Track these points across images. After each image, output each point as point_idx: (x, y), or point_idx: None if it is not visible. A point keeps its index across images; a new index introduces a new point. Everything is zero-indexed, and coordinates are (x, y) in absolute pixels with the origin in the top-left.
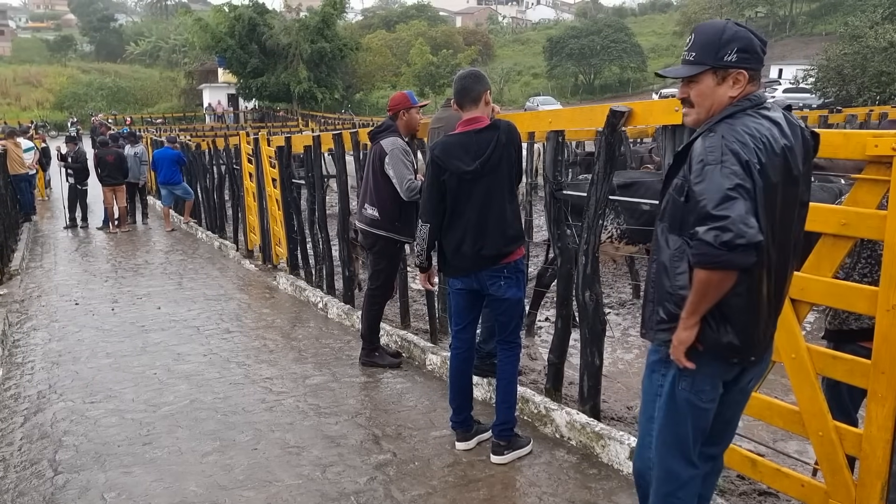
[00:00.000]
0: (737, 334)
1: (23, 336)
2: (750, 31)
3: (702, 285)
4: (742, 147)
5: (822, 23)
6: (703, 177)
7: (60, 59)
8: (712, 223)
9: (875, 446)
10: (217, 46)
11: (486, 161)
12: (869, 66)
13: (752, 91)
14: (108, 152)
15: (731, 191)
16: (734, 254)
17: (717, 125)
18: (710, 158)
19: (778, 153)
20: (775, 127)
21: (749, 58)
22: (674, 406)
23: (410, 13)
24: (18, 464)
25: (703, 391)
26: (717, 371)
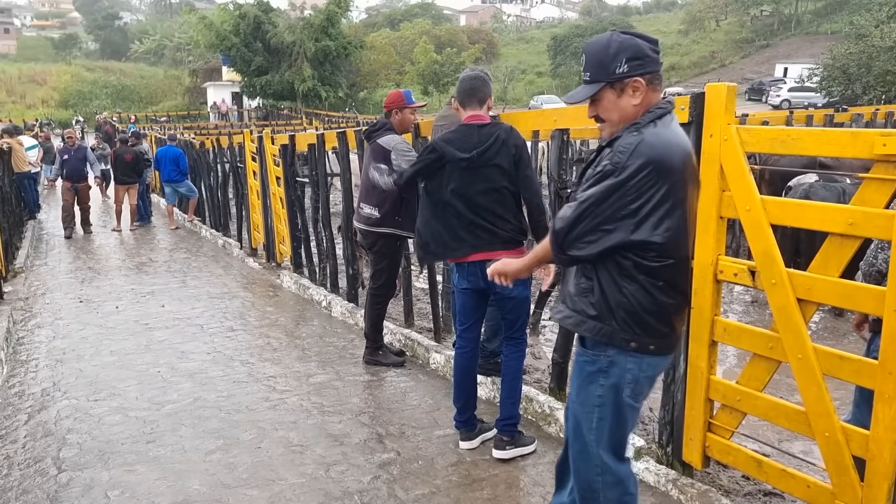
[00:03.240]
0: (674, 330)
1: (27, 334)
2: (636, 36)
3: (543, 250)
4: (661, 150)
5: (827, 21)
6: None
7: (65, 57)
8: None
9: (882, 447)
10: (221, 45)
11: (483, 152)
12: (874, 66)
13: (656, 97)
14: (127, 151)
15: (603, 197)
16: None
17: (643, 126)
18: (616, 159)
19: (687, 154)
20: (681, 132)
21: (641, 63)
22: (618, 412)
23: (414, 12)
24: (22, 461)
25: (642, 393)
26: (657, 372)
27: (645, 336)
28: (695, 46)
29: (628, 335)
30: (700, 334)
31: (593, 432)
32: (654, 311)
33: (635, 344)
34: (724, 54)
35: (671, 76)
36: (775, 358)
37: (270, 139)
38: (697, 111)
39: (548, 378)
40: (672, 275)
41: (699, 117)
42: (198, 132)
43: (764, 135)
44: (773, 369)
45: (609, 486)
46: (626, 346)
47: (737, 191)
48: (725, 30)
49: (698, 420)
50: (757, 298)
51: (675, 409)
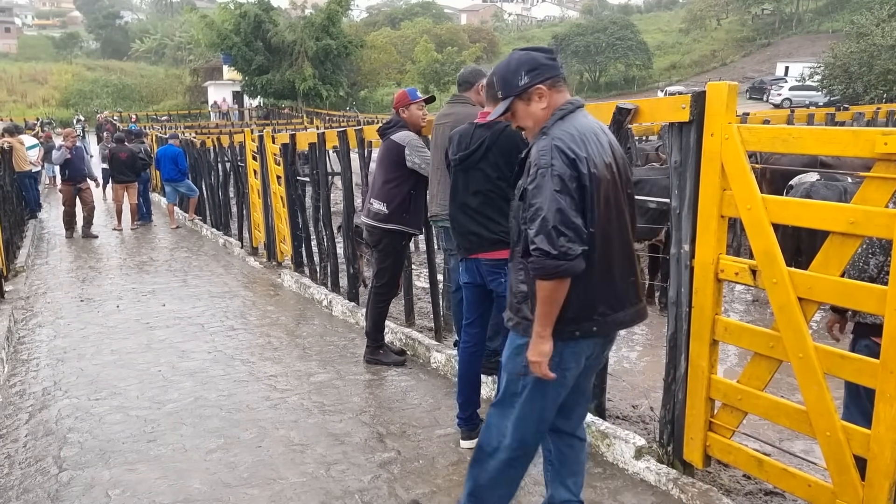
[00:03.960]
0: (598, 314)
1: (28, 333)
2: (532, 49)
3: (545, 295)
4: (572, 142)
5: (828, 20)
6: (535, 179)
7: (66, 56)
8: (544, 231)
9: (883, 446)
10: (222, 44)
11: (467, 156)
12: (875, 64)
13: (561, 97)
14: (122, 149)
15: (561, 194)
16: (565, 262)
17: (549, 128)
18: (542, 162)
19: (604, 145)
20: (599, 126)
21: (539, 72)
22: (541, 384)
23: (415, 10)
24: (23, 460)
25: (569, 368)
26: (584, 348)
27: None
28: (696, 45)
29: (572, 326)
30: (701, 333)
31: (516, 397)
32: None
33: (578, 332)
34: (725, 53)
35: (672, 75)
36: (776, 357)
37: (271, 138)
38: (698, 110)
39: None
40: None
41: (700, 116)
42: (199, 131)
43: (765, 134)
44: (774, 368)
45: (510, 450)
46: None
47: (738, 190)
48: (726, 28)
49: (699, 419)
50: (758, 297)
51: (676, 408)
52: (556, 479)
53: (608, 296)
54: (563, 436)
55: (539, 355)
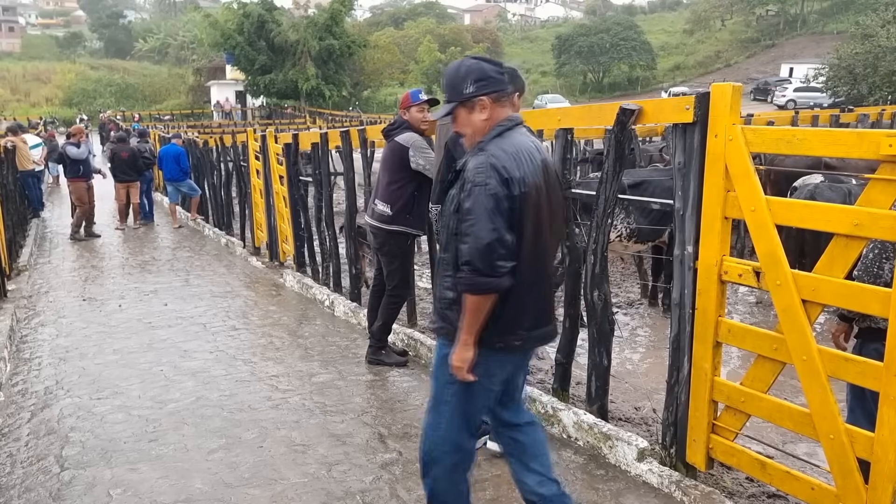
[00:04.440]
0: (521, 329)
1: (30, 332)
2: (483, 60)
3: (472, 307)
4: (508, 162)
5: (833, 21)
6: (471, 195)
7: (70, 55)
8: (476, 247)
9: (887, 450)
10: (225, 43)
11: None
12: (880, 66)
13: (503, 112)
14: (123, 148)
15: (495, 212)
16: (495, 279)
17: (486, 144)
18: (478, 179)
19: (537, 164)
20: (533, 144)
21: (485, 84)
22: (468, 391)
23: (419, 10)
24: (25, 459)
25: (494, 375)
26: (510, 358)
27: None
28: (700, 46)
29: (496, 339)
30: (704, 335)
31: (447, 405)
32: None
33: (502, 345)
34: (729, 54)
35: (676, 76)
36: (780, 359)
37: (274, 138)
38: (702, 111)
39: (551, 379)
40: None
41: (704, 117)
42: (201, 131)
43: (769, 135)
44: (777, 371)
45: (448, 455)
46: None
47: (742, 191)
48: (731, 29)
49: (702, 421)
50: (762, 299)
51: (679, 411)
52: (523, 469)
53: (532, 312)
54: (510, 427)
55: (462, 361)
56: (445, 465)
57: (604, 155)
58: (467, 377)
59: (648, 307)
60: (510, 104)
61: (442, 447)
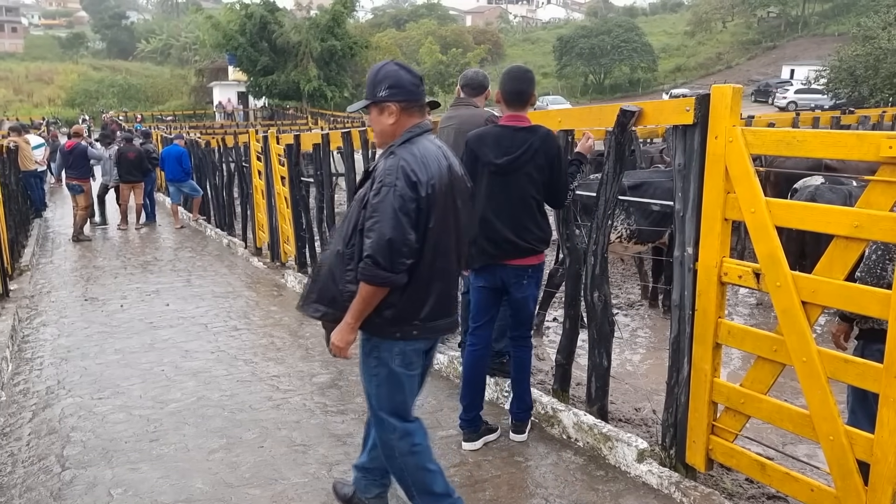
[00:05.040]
0: (418, 319)
1: (32, 332)
2: (403, 68)
3: (364, 296)
4: (416, 166)
5: (834, 23)
6: (379, 194)
7: (72, 56)
8: (378, 242)
9: (887, 451)
10: (228, 44)
11: (515, 160)
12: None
13: (413, 120)
14: (130, 149)
15: (400, 212)
16: (392, 274)
17: (397, 148)
18: (387, 180)
19: (443, 169)
20: (440, 150)
21: (397, 92)
22: (392, 380)
23: (420, 12)
24: (26, 459)
25: (412, 363)
26: (423, 345)
27: (406, 325)
28: (701, 48)
29: (394, 328)
30: (704, 336)
31: (374, 397)
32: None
33: (399, 334)
34: (730, 56)
35: (677, 77)
36: (779, 361)
37: (276, 139)
38: (702, 113)
39: (551, 379)
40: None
41: (704, 119)
42: (203, 131)
43: (769, 137)
44: (777, 372)
45: (399, 439)
46: (393, 336)
47: (742, 193)
48: (732, 31)
49: (702, 422)
50: (762, 301)
51: (679, 412)
52: (371, 446)
53: (434, 304)
54: None
55: (343, 342)
56: (403, 451)
57: (604, 156)
58: (347, 356)
59: (648, 308)
60: (419, 113)
61: (394, 436)
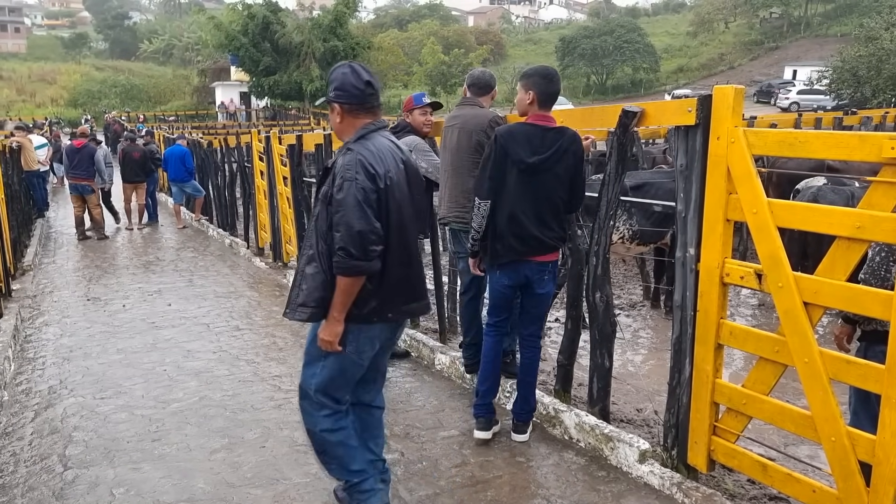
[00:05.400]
0: (393, 304)
1: (35, 331)
2: (354, 72)
3: (344, 287)
4: (373, 160)
5: (837, 24)
6: (342, 189)
7: (75, 56)
8: (348, 235)
9: (889, 452)
10: (230, 45)
11: (546, 160)
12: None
13: (361, 120)
14: (135, 149)
15: (364, 203)
16: (366, 262)
17: (353, 144)
18: (348, 174)
19: (398, 163)
20: (395, 145)
21: (342, 94)
22: (339, 364)
23: (422, 12)
24: (28, 458)
25: (364, 351)
26: (377, 333)
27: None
28: (703, 48)
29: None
30: (706, 337)
31: (311, 375)
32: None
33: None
34: (732, 56)
35: (679, 78)
36: (781, 361)
37: (278, 139)
38: (705, 113)
39: (553, 380)
40: None
41: (706, 119)
42: (206, 132)
43: (771, 137)
44: (779, 373)
45: (325, 417)
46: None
47: (744, 193)
48: (734, 32)
49: (703, 423)
50: (763, 302)
51: (681, 412)
52: (362, 445)
53: (403, 289)
54: (363, 407)
55: (331, 335)
56: (325, 428)
57: (606, 157)
58: (336, 349)
59: (650, 309)
60: (367, 115)
61: (317, 414)
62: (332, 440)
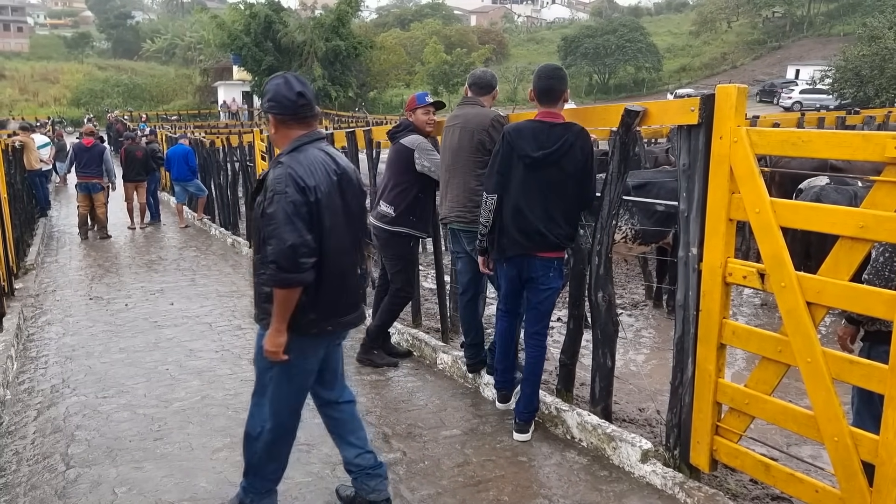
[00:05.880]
0: (331, 317)
1: (37, 330)
2: (287, 84)
3: (280, 299)
4: (303, 173)
5: (840, 23)
6: (272, 203)
7: (78, 55)
8: (279, 248)
9: (892, 452)
10: (232, 44)
11: (550, 154)
12: (887, 68)
13: (294, 132)
14: (138, 148)
15: (294, 216)
16: (298, 274)
17: (284, 157)
18: (278, 188)
19: (331, 175)
20: (329, 158)
21: (274, 106)
22: (287, 375)
23: (425, 12)
24: (31, 457)
25: (309, 358)
26: (321, 342)
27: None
28: (706, 48)
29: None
30: (708, 337)
31: (267, 388)
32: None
33: (302, 330)
34: (735, 56)
35: (682, 77)
36: (784, 361)
37: None
38: (707, 113)
39: (555, 379)
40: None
41: (709, 119)
42: (208, 131)
43: (774, 137)
44: (781, 373)
45: (273, 433)
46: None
47: (747, 193)
48: (737, 31)
49: (706, 423)
50: (766, 301)
51: (683, 412)
52: (342, 442)
53: (339, 301)
54: (331, 404)
55: (275, 346)
56: (266, 440)
57: (608, 156)
58: (281, 358)
59: (653, 309)
60: (301, 126)
61: (267, 425)
62: (268, 452)
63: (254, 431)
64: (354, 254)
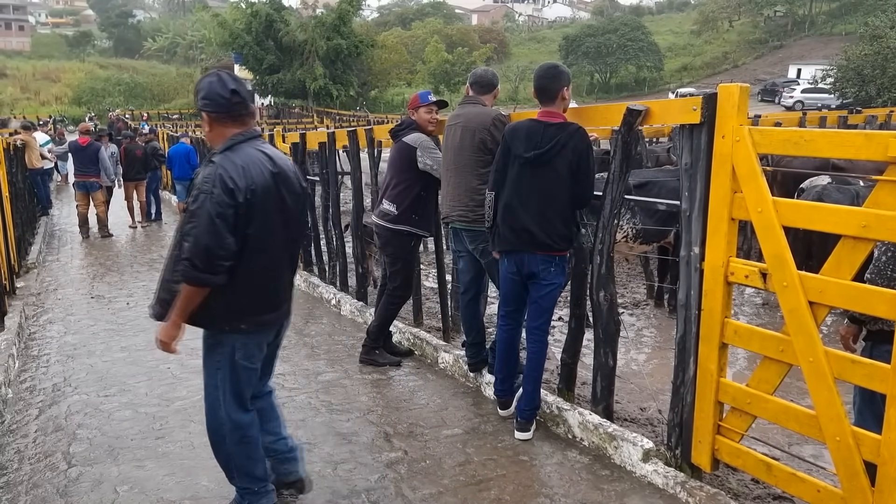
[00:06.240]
0: (271, 311)
1: (39, 329)
2: (221, 81)
3: (187, 295)
4: (234, 173)
5: (841, 22)
6: (197, 201)
7: (79, 54)
8: (196, 248)
9: (894, 452)
10: (234, 43)
11: (542, 154)
12: (889, 67)
13: (230, 130)
14: (138, 147)
15: (217, 218)
16: (211, 275)
17: (216, 156)
18: (205, 187)
19: (266, 175)
20: (266, 157)
21: (208, 104)
22: (234, 373)
23: (426, 11)
24: (33, 456)
25: (254, 355)
26: (263, 338)
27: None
28: (707, 47)
29: (229, 323)
30: (710, 336)
31: (213, 387)
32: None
33: (236, 328)
34: (736, 55)
35: (683, 76)
36: (786, 361)
37: (282, 137)
38: (709, 112)
39: (556, 379)
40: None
41: (711, 118)
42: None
43: (776, 136)
44: (783, 372)
45: (232, 432)
46: (231, 330)
47: (749, 192)
48: (738, 30)
49: (708, 422)
50: (768, 301)
51: (685, 412)
52: (263, 431)
53: (266, 299)
54: (253, 398)
55: (168, 338)
56: (233, 440)
57: (610, 155)
58: (174, 350)
59: (654, 308)
60: (236, 124)
61: (226, 426)
62: (238, 452)
63: (217, 434)
64: (287, 254)
